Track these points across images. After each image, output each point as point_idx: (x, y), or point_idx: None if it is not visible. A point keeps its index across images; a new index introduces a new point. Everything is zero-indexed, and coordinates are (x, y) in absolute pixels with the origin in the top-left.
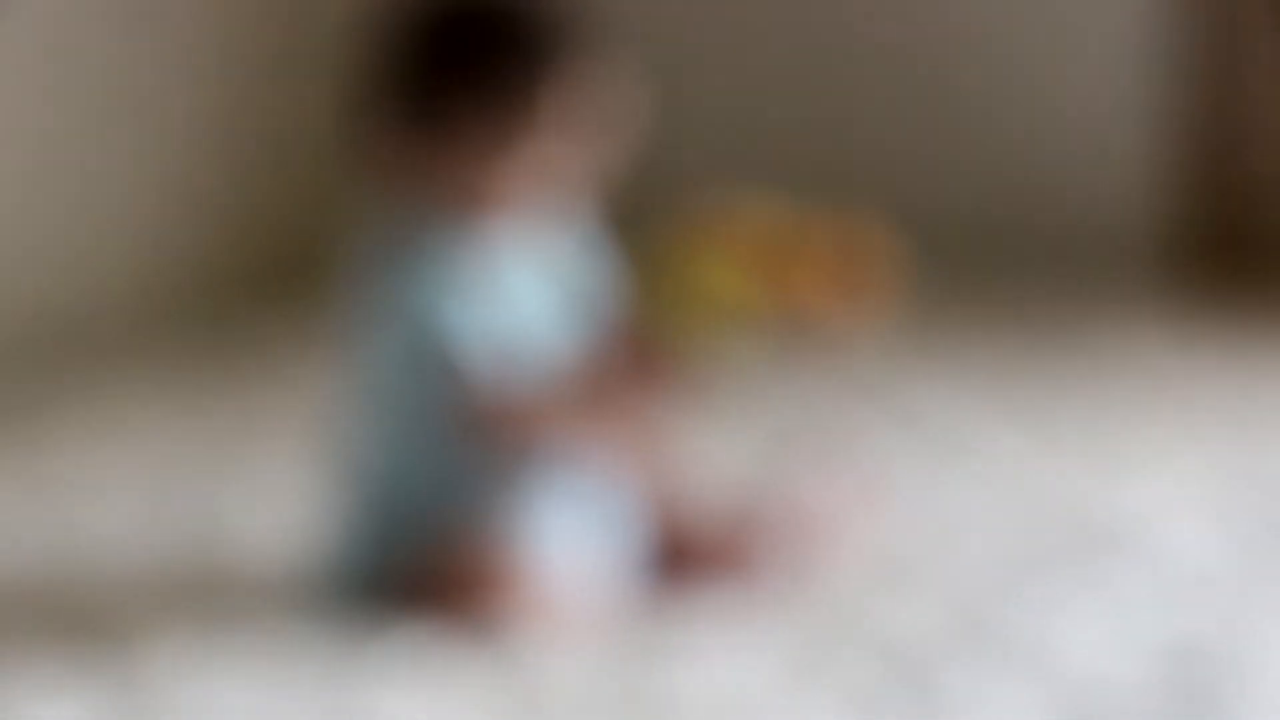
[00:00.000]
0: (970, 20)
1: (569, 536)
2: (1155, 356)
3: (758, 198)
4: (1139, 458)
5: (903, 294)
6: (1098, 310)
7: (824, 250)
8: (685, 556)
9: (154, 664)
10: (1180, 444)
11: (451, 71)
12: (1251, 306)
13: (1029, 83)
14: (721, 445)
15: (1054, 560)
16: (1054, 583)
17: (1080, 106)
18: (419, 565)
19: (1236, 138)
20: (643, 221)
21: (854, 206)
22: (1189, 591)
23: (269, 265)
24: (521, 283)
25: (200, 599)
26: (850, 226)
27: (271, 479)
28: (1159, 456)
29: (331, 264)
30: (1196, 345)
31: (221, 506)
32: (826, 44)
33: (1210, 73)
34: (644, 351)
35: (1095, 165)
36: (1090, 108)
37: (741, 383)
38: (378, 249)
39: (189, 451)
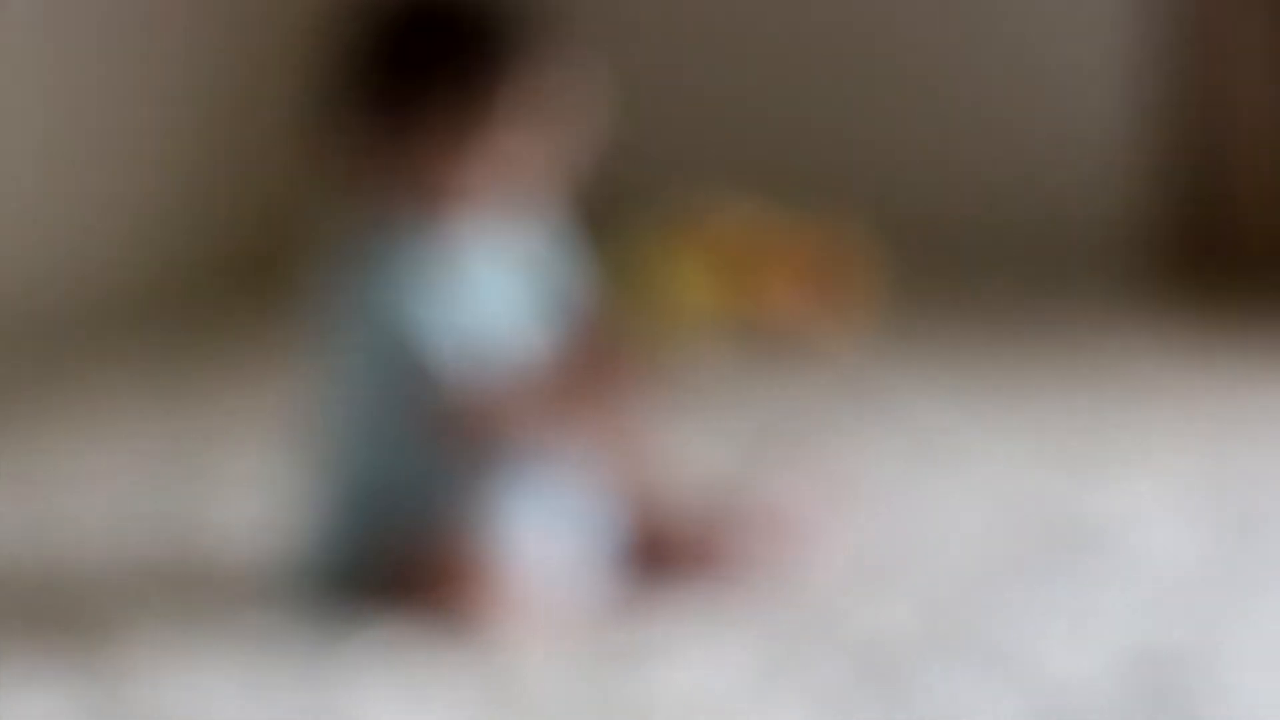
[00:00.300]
0: (951, 22)
1: (542, 533)
2: (1136, 359)
3: (733, 199)
4: (1118, 460)
5: (878, 297)
6: (1078, 313)
7: (799, 254)
8: (661, 554)
9: (131, 658)
10: (1160, 447)
11: (413, 67)
12: (1232, 309)
13: (1011, 84)
14: (699, 444)
15: (1030, 562)
16: (1030, 585)
17: (1063, 108)
18: (393, 563)
19: (1219, 141)
20: (616, 220)
21: (831, 208)
22: (1165, 595)
23: (241, 263)
24: (488, 278)
25: (178, 594)
26: (825, 229)
27: (248, 476)
28: (1138, 459)
29: (303, 261)
30: (1177, 348)
31: (198, 502)
32: (804, 43)
33: (1194, 75)
34: (612, 348)
35: (1078, 167)
36: (1073, 110)
37: (719, 383)
38: (344, 247)
39: (166, 448)
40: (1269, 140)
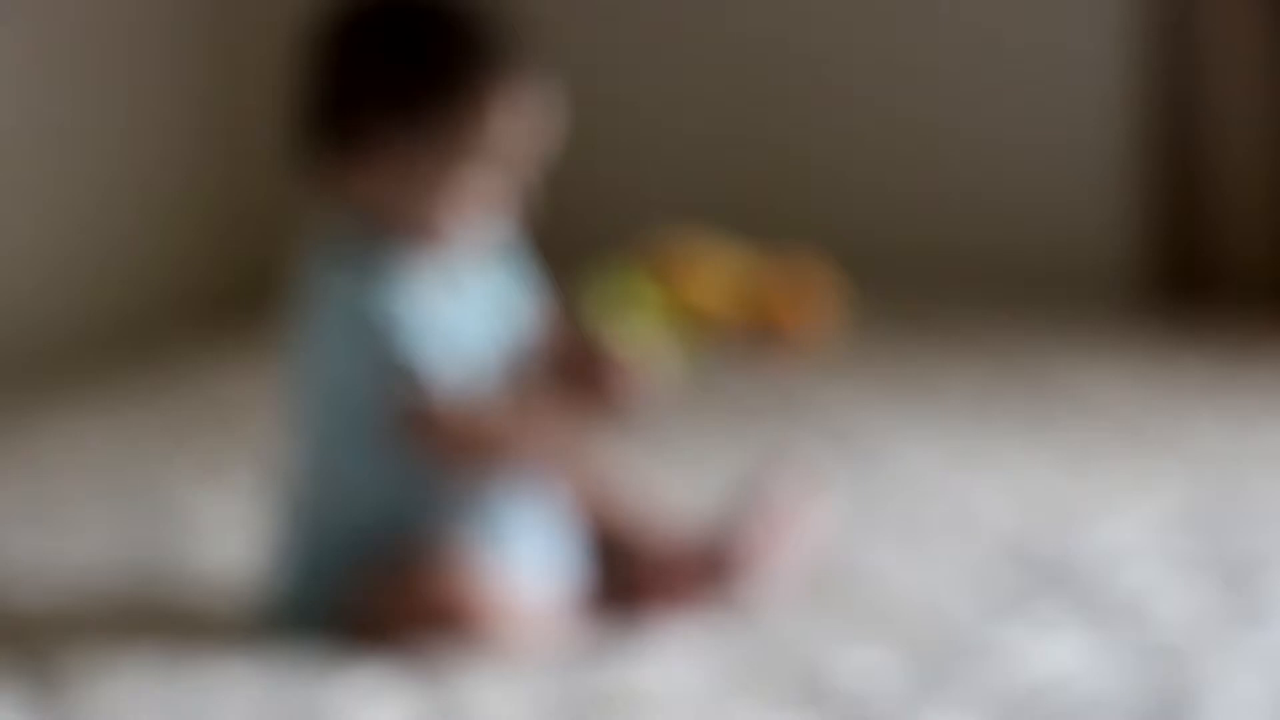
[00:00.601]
0: (931, 51)
1: (516, 560)
2: (1120, 391)
3: (701, 233)
4: (1101, 494)
5: (845, 323)
6: (1063, 346)
7: (777, 272)
8: (631, 583)
9: (107, 702)
10: (1142, 480)
11: (381, 94)
12: (1217, 341)
13: (994, 110)
14: (674, 475)
15: (1009, 601)
16: (1009, 624)
17: (1046, 137)
18: (369, 592)
19: (1204, 171)
20: (584, 252)
21: (802, 239)
22: (1149, 634)
23: (224, 291)
24: (451, 301)
25: (156, 636)
26: (794, 256)
27: (228, 513)
28: (1120, 493)
29: (285, 289)
30: (1161, 380)
31: (177, 540)
32: (776, 73)
33: (1178, 103)
34: (595, 362)
35: (1061, 197)
36: (1056, 138)
37: (691, 414)
38: (322, 264)
39: (143, 481)
40: (1254, 172)
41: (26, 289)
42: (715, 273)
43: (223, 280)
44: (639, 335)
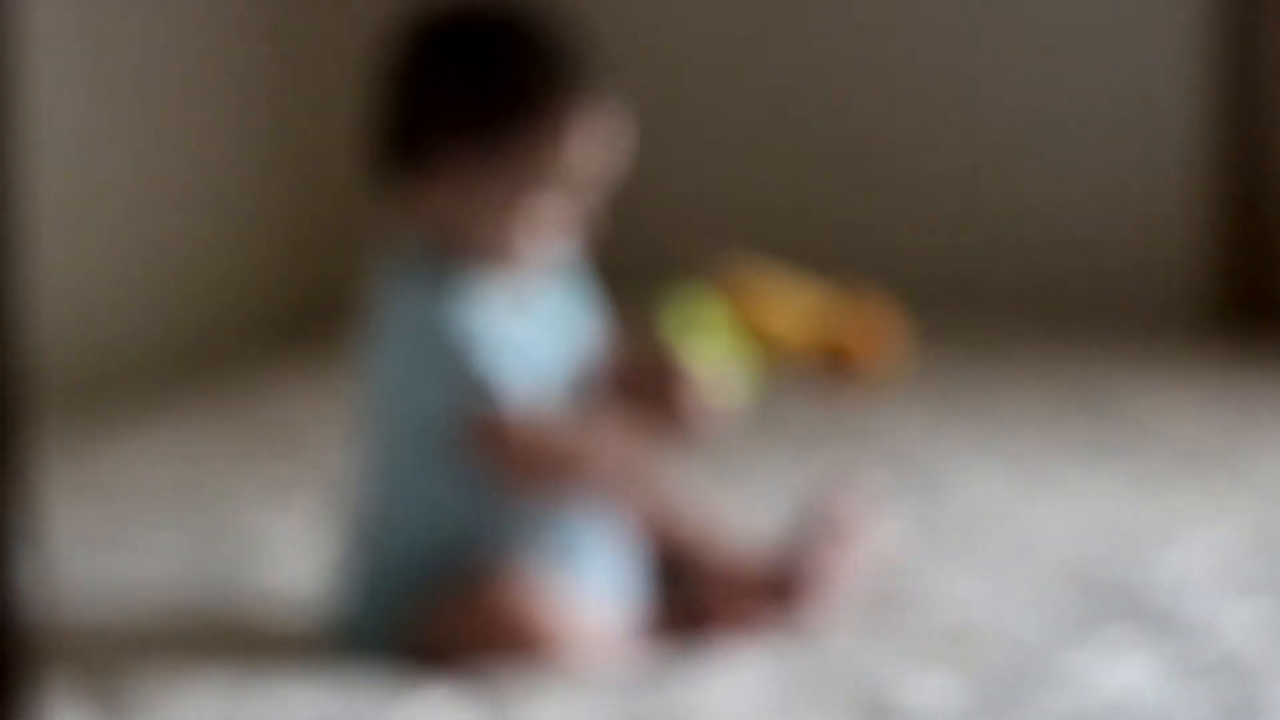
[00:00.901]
0: (1000, 75)
1: (579, 576)
2: (1186, 417)
3: (772, 259)
4: (1168, 520)
5: (914, 346)
6: (1129, 372)
7: (847, 304)
8: (695, 604)
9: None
10: (1209, 505)
11: (456, 115)
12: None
13: (1059, 138)
14: (739, 498)
15: (1073, 630)
16: (1076, 644)
17: (1112, 164)
18: (427, 608)
19: (1272, 196)
20: (643, 272)
21: (869, 264)
22: (1213, 655)
23: (292, 312)
24: (519, 322)
25: (218, 651)
26: (863, 289)
27: (294, 528)
28: (1187, 519)
29: (352, 309)
30: (1227, 405)
31: (242, 556)
32: (844, 98)
33: (1246, 129)
34: (665, 380)
35: (1127, 224)
36: (1122, 165)
37: (762, 438)
38: (394, 283)
39: (209, 502)
40: None
41: (95, 310)
42: (786, 300)
43: (290, 301)
44: (708, 357)
